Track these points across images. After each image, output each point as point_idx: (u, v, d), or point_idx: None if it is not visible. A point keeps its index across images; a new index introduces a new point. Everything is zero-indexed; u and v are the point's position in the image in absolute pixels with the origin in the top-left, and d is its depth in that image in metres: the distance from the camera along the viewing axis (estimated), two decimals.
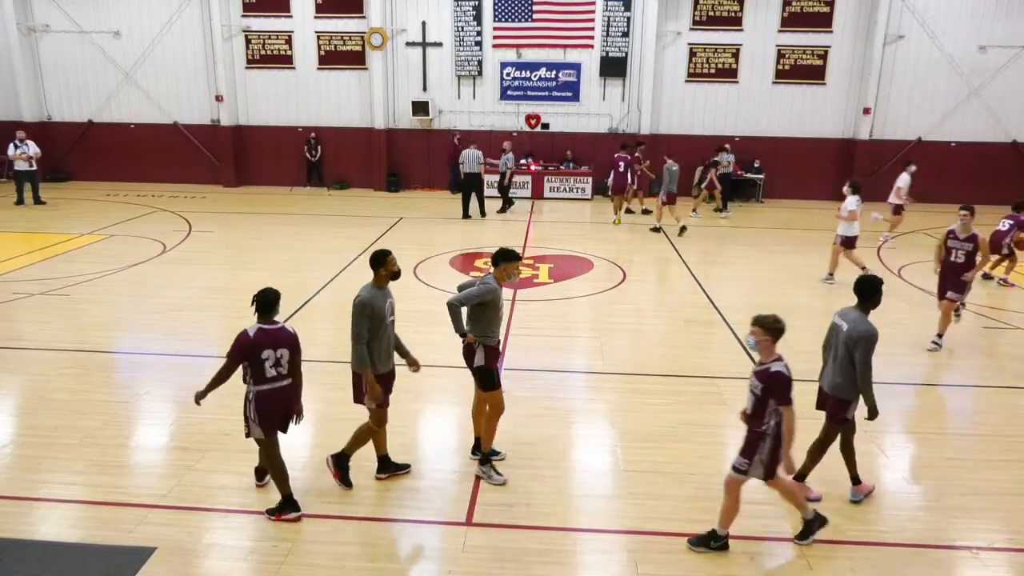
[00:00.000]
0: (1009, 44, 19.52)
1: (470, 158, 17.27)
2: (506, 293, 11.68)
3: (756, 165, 20.50)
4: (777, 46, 20.30)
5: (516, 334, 9.66)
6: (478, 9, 20.43)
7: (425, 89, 21.15)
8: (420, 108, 20.94)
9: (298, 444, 6.64)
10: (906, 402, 7.90)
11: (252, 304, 5.31)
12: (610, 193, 18.15)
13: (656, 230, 16.41)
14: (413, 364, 6.00)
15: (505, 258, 5.90)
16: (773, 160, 20.57)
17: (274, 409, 5.37)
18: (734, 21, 20.24)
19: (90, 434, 6.73)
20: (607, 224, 17.48)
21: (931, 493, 6.07)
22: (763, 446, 4.99)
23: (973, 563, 5.24)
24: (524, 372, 8.44)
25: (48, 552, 5.08)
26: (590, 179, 20.50)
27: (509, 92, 21.03)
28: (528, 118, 21.04)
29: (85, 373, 8.14)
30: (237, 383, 5.39)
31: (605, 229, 17.11)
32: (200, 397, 5.36)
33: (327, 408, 7.11)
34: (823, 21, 20.04)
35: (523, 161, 20.79)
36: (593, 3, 20.22)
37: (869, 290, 5.53)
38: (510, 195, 18.78)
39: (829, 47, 20.18)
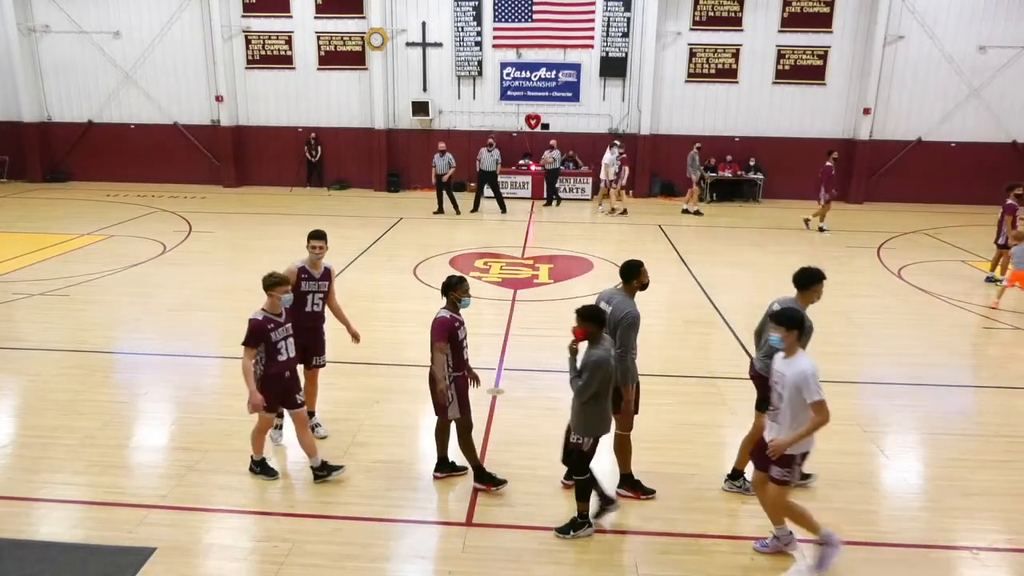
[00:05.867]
0: (1009, 44, 19.51)
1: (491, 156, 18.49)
2: (506, 293, 11.80)
3: (752, 164, 20.47)
4: (777, 46, 20.29)
5: (516, 334, 9.67)
6: (478, 9, 20.43)
7: (425, 89, 21.14)
8: (420, 108, 20.94)
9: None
10: (906, 402, 7.90)
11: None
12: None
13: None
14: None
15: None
16: (773, 160, 20.55)
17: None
18: (734, 21, 20.23)
19: (90, 434, 6.73)
20: (607, 224, 17.48)
21: (931, 493, 6.07)
22: None
23: (973, 563, 5.23)
24: (524, 372, 8.45)
25: (48, 552, 5.08)
26: (590, 179, 20.50)
27: (509, 92, 21.02)
28: (528, 118, 21.03)
29: (85, 373, 8.13)
30: (231, 382, 5.37)
31: (605, 229, 17.11)
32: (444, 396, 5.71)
33: (326, 407, 7.10)
34: (823, 21, 20.03)
35: (522, 161, 20.81)
36: (593, 3, 20.21)
37: None
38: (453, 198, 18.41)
39: (829, 47, 20.17)
